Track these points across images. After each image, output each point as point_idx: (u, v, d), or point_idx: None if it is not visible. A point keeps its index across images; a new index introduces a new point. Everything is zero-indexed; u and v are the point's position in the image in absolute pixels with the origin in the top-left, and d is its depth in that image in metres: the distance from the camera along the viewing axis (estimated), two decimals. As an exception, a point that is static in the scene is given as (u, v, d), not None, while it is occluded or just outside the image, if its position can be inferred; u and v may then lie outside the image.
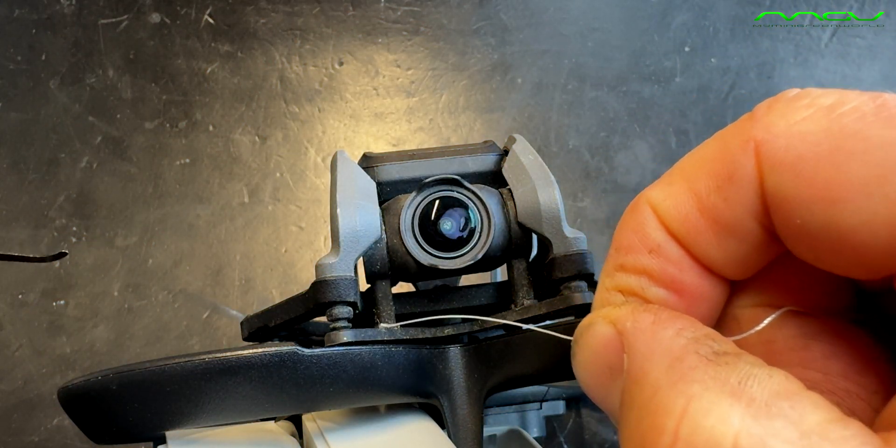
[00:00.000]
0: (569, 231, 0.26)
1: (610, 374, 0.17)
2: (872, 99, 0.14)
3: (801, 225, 0.15)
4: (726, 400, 0.13)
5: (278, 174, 0.90)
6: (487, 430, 0.45)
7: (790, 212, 0.15)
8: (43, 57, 0.94)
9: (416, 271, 0.27)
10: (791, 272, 0.18)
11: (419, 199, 0.27)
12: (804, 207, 0.14)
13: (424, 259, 0.26)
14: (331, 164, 0.28)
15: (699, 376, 0.14)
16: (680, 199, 0.16)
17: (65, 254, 0.27)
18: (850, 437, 0.13)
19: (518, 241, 0.27)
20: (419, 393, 0.27)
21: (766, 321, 0.18)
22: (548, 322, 0.26)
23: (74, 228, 0.86)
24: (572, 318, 0.26)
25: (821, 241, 0.15)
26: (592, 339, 0.17)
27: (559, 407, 0.67)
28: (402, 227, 0.26)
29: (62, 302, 0.83)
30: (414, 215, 0.27)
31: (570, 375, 0.27)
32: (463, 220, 0.27)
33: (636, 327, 0.16)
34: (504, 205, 0.27)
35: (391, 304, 0.27)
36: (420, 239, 0.27)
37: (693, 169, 0.16)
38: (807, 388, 0.14)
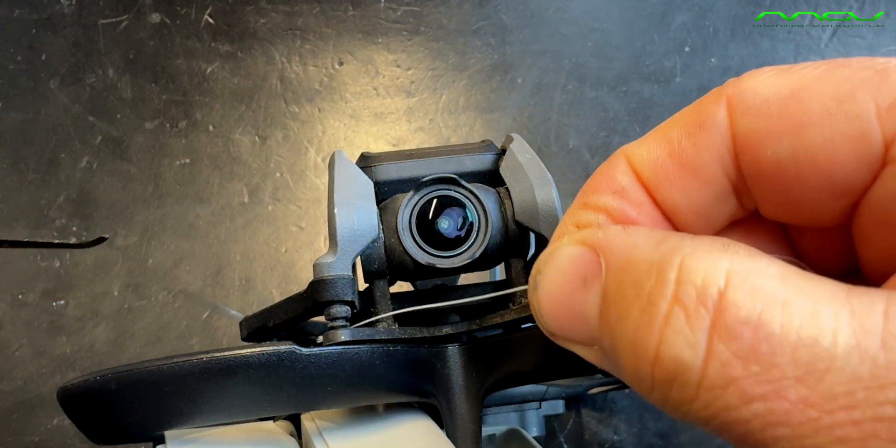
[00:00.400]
0: (567, 230, 0.26)
1: (583, 284, 0.17)
2: (828, 60, 0.16)
3: (770, 157, 0.16)
4: (716, 252, 0.14)
5: (278, 174, 0.90)
6: (486, 430, 0.45)
7: (760, 146, 0.16)
8: (43, 57, 0.94)
9: (413, 270, 0.27)
10: (750, 240, 0.19)
11: (417, 198, 0.27)
12: (773, 139, 0.16)
13: (422, 258, 0.26)
14: (329, 164, 0.28)
15: (688, 244, 0.15)
16: (652, 146, 0.18)
17: (104, 238, 0.27)
18: (824, 280, 0.14)
19: (515, 239, 0.27)
20: (417, 392, 0.27)
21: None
22: None
23: (74, 228, 0.86)
24: None
25: (787, 174, 0.16)
26: (560, 261, 0.18)
27: (559, 406, 0.67)
28: (399, 227, 0.26)
29: (62, 302, 0.83)
30: (411, 214, 0.27)
31: (570, 374, 0.27)
32: (460, 219, 0.27)
33: (608, 235, 0.17)
34: (501, 204, 0.27)
35: (389, 303, 0.27)
36: (418, 238, 0.27)
37: (669, 123, 0.18)
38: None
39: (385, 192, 0.28)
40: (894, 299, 0.13)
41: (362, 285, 0.28)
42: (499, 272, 0.57)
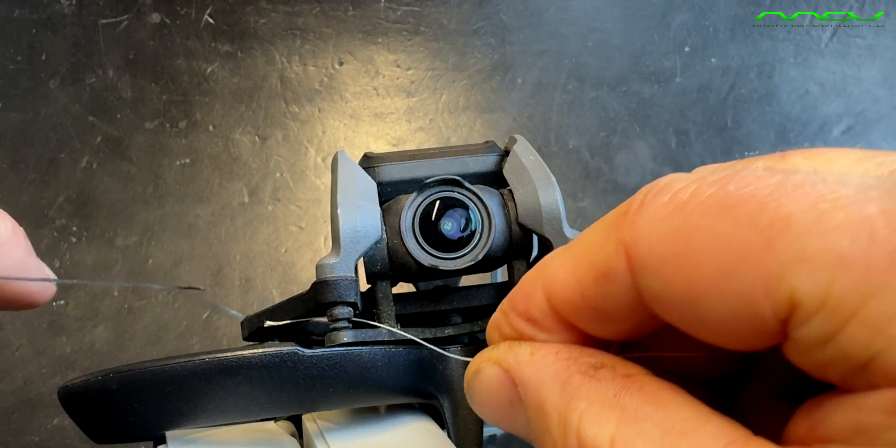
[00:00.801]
0: (569, 232, 0.26)
1: (512, 406, 0.19)
2: (720, 187, 0.15)
3: (674, 317, 0.16)
4: (606, 411, 0.16)
5: (278, 174, 0.90)
6: (488, 430, 0.45)
7: (664, 309, 0.16)
8: (43, 57, 0.94)
9: (416, 272, 0.27)
10: (675, 337, 0.19)
11: (420, 199, 0.27)
12: (674, 305, 0.15)
13: (425, 260, 0.26)
14: (332, 164, 0.28)
15: (585, 393, 0.17)
16: (566, 283, 0.18)
17: (198, 289, 0.27)
18: (707, 431, 0.15)
19: (519, 241, 0.27)
20: (419, 393, 0.27)
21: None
22: None
23: (74, 228, 0.86)
24: None
25: (698, 329, 0.16)
26: (486, 382, 0.20)
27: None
28: (402, 228, 0.26)
29: (62, 302, 0.83)
30: (414, 216, 0.27)
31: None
32: (463, 221, 0.27)
33: (519, 361, 0.19)
34: (505, 205, 0.27)
35: (391, 304, 0.27)
36: (421, 239, 0.27)
37: (582, 252, 0.18)
38: (679, 390, 0.16)
39: (388, 193, 0.28)
40: None
41: (364, 286, 0.28)
42: (500, 273, 0.57)
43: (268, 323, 0.30)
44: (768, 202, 0.14)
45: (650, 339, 0.20)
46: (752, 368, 0.20)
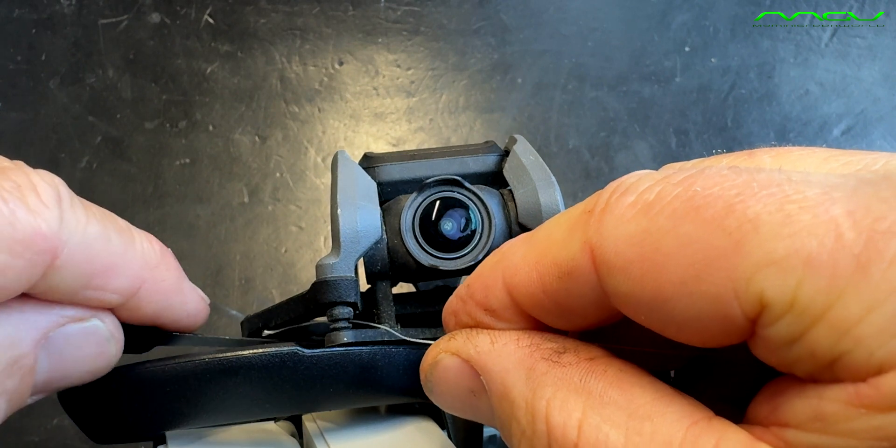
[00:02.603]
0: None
1: (473, 396, 0.19)
2: (686, 188, 0.15)
3: (640, 318, 0.16)
4: (572, 397, 0.16)
5: (278, 174, 0.90)
6: (487, 431, 0.45)
7: (631, 309, 0.16)
8: (43, 57, 0.94)
9: (416, 272, 0.27)
10: (633, 328, 0.19)
11: (420, 199, 0.27)
12: (641, 306, 0.15)
13: (425, 260, 0.26)
14: (331, 164, 0.28)
15: (550, 380, 0.17)
16: (529, 278, 0.18)
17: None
18: (670, 413, 0.15)
19: None
20: (419, 394, 0.27)
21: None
22: None
23: (74, 228, 0.86)
24: None
25: (665, 328, 0.16)
26: (445, 373, 0.20)
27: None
28: (402, 228, 0.26)
29: (62, 302, 0.83)
30: (415, 216, 0.27)
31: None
32: (464, 221, 0.27)
33: (479, 351, 0.19)
34: (505, 205, 0.27)
35: (392, 304, 0.27)
36: (421, 239, 0.27)
37: (545, 247, 0.18)
38: (641, 372, 0.16)
39: (388, 193, 0.28)
40: (721, 443, 0.14)
41: (364, 286, 0.28)
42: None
43: (266, 333, 0.30)
44: (735, 204, 0.14)
45: (608, 329, 0.20)
46: (709, 364, 0.20)
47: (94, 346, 0.22)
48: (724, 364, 0.20)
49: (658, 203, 0.15)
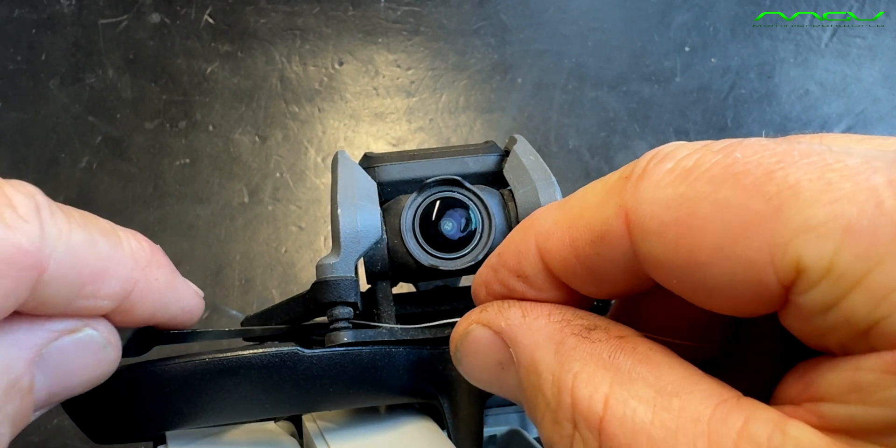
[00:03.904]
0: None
1: (501, 368, 0.19)
2: (726, 155, 0.15)
3: (673, 282, 0.16)
4: (600, 372, 0.16)
5: (278, 174, 0.90)
6: (487, 431, 0.45)
7: (663, 273, 0.16)
8: (43, 57, 0.94)
9: (416, 272, 0.27)
10: (664, 303, 0.19)
11: (420, 199, 0.27)
12: (674, 270, 0.15)
13: (425, 260, 0.26)
14: (332, 164, 0.28)
15: (579, 355, 0.17)
16: (562, 242, 0.18)
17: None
18: (699, 391, 0.15)
19: None
20: (419, 393, 0.27)
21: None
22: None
23: (74, 228, 0.86)
24: None
25: (697, 294, 0.16)
26: (475, 345, 0.20)
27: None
28: (402, 228, 0.26)
29: (62, 302, 0.83)
30: (415, 216, 0.27)
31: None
32: (464, 221, 0.27)
33: (511, 324, 0.19)
34: (505, 205, 0.27)
35: (391, 304, 0.27)
36: (421, 239, 0.27)
37: (579, 212, 0.18)
38: (670, 352, 0.16)
39: (388, 193, 0.28)
40: (751, 420, 0.14)
41: (364, 286, 0.28)
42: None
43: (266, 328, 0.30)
44: (775, 171, 0.14)
45: (639, 311, 0.20)
46: (737, 357, 0.20)
47: (90, 355, 0.21)
48: (752, 356, 0.20)
49: (697, 169, 0.15)
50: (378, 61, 0.96)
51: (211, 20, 0.96)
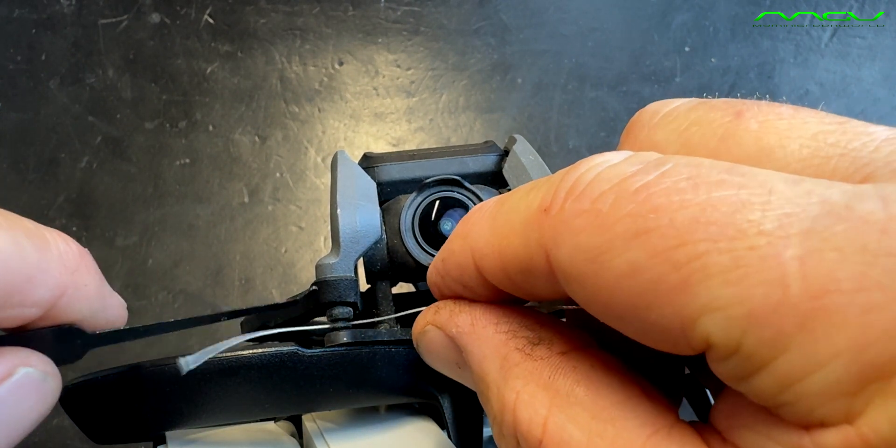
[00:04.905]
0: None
1: (458, 366, 0.19)
2: (641, 204, 0.14)
3: (603, 320, 0.16)
4: (540, 393, 0.16)
5: (278, 174, 0.90)
6: (487, 431, 0.45)
7: (590, 311, 0.16)
8: (43, 57, 0.94)
9: (416, 271, 0.27)
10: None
11: (419, 199, 0.27)
12: (597, 313, 0.15)
13: (425, 259, 0.26)
14: (331, 164, 0.28)
15: (521, 373, 0.17)
16: (495, 265, 0.18)
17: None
18: (633, 418, 0.15)
19: None
20: (419, 393, 0.27)
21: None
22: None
23: (74, 228, 0.86)
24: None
25: (625, 333, 0.16)
26: (432, 345, 0.20)
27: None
28: (402, 228, 0.26)
29: (62, 302, 0.83)
30: (414, 216, 0.27)
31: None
32: (463, 221, 0.27)
33: (460, 332, 0.19)
34: (504, 205, 0.27)
35: (391, 304, 0.27)
36: (420, 239, 0.27)
37: (506, 237, 0.17)
38: (613, 369, 0.16)
39: (388, 193, 0.28)
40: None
41: (364, 286, 0.28)
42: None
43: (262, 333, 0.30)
44: (685, 234, 0.13)
45: None
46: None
47: (33, 396, 0.19)
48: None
49: (611, 216, 0.14)
50: (378, 61, 0.96)
51: (211, 20, 0.96)
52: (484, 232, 0.18)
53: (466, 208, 0.27)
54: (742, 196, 0.13)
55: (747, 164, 0.15)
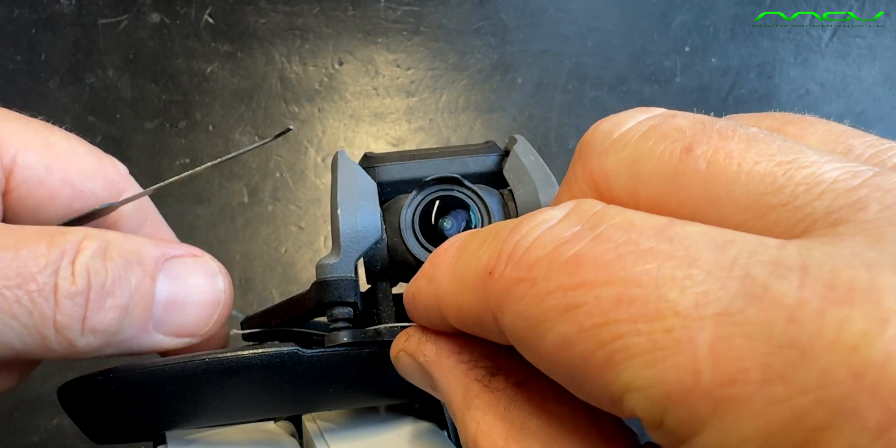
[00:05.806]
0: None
1: (432, 389, 0.21)
2: (570, 274, 0.14)
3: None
4: (497, 425, 0.17)
5: (278, 174, 0.90)
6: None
7: (538, 368, 0.16)
8: (43, 57, 0.94)
9: (416, 271, 0.27)
10: None
11: (419, 198, 0.27)
12: (544, 372, 0.16)
13: (425, 258, 0.26)
14: (331, 164, 0.28)
15: (480, 404, 0.18)
16: (454, 313, 0.19)
17: (290, 129, 0.26)
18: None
19: None
20: (419, 393, 0.27)
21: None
22: None
23: (74, 228, 0.86)
24: None
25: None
26: (406, 368, 0.22)
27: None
28: (402, 226, 0.26)
29: (62, 302, 0.83)
30: (414, 214, 0.27)
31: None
32: (463, 221, 0.27)
33: (427, 361, 0.20)
34: (505, 205, 0.27)
35: (392, 304, 0.27)
36: (421, 238, 0.27)
37: (462, 291, 0.18)
38: (565, 398, 0.17)
39: (388, 193, 0.28)
40: None
41: (364, 286, 0.28)
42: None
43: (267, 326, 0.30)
44: (609, 313, 0.14)
45: None
46: None
47: (206, 277, 0.25)
48: None
49: (544, 288, 0.15)
50: (378, 61, 0.96)
51: (211, 20, 0.96)
52: (445, 281, 0.19)
53: (467, 207, 0.27)
54: (664, 271, 0.13)
55: (693, 210, 0.15)
